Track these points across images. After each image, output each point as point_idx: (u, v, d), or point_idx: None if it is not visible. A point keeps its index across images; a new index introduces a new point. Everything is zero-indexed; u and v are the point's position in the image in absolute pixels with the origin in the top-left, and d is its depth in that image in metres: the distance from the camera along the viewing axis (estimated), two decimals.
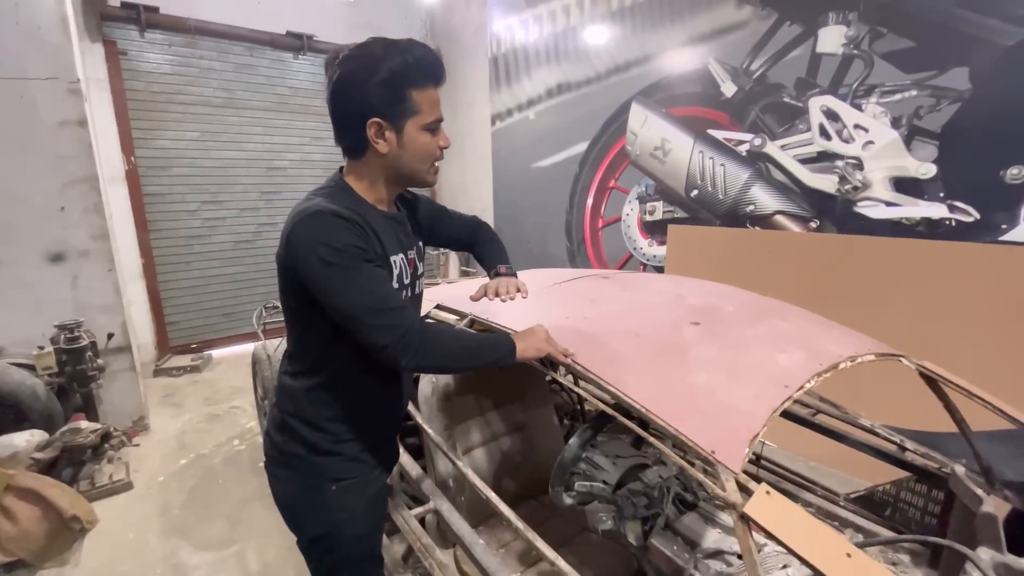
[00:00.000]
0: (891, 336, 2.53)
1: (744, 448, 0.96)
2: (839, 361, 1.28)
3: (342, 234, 0.97)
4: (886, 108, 2.52)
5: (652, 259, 3.94)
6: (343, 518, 1.17)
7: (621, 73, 3.90)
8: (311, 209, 0.99)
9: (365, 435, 1.18)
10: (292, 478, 1.18)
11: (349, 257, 0.97)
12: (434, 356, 1.03)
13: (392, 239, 1.12)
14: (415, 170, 1.09)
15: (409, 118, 1.02)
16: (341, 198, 1.05)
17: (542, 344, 1.15)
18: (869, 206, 2.67)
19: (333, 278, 0.97)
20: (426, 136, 1.05)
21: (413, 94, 1.01)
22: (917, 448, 1.65)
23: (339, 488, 1.16)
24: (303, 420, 1.14)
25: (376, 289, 0.99)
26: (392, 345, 0.98)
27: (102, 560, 2.26)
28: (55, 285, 3.03)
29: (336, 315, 1.00)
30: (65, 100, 2.92)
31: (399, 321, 0.99)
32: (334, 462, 1.15)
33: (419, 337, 1.00)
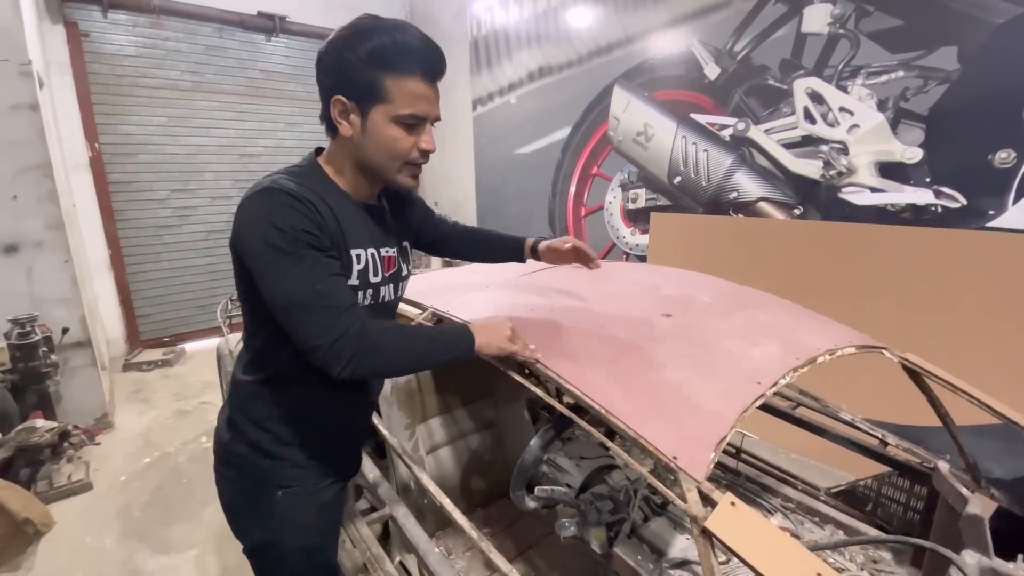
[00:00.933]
0: (876, 325, 2.48)
1: (709, 454, 0.87)
2: (817, 355, 1.20)
3: (290, 214, 0.85)
4: (872, 90, 2.44)
5: (635, 248, 3.85)
6: (290, 528, 1.07)
7: (603, 55, 3.78)
8: (263, 184, 0.89)
9: (315, 440, 1.08)
10: (237, 480, 1.08)
11: (292, 241, 0.85)
12: (373, 363, 0.90)
13: (362, 231, 1.00)
14: (380, 165, 0.96)
15: (376, 104, 0.90)
16: (306, 178, 0.94)
17: (503, 342, 1.02)
18: (854, 192, 2.60)
19: (271, 262, 0.85)
20: (395, 130, 0.91)
21: (385, 79, 0.88)
22: (899, 443, 1.59)
23: (285, 495, 1.05)
24: (248, 418, 1.05)
25: (316, 282, 0.87)
26: (323, 348, 0.86)
27: (56, 565, 2.15)
28: (8, 278, 2.88)
29: (271, 305, 0.89)
30: (16, 83, 2.75)
31: (335, 323, 0.86)
32: (279, 467, 1.05)
33: (356, 344, 0.87)
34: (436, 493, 1.23)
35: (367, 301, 1.02)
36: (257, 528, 1.08)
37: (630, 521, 1.15)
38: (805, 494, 1.92)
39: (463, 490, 1.81)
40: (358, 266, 0.98)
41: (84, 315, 3.18)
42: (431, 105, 0.93)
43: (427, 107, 0.92)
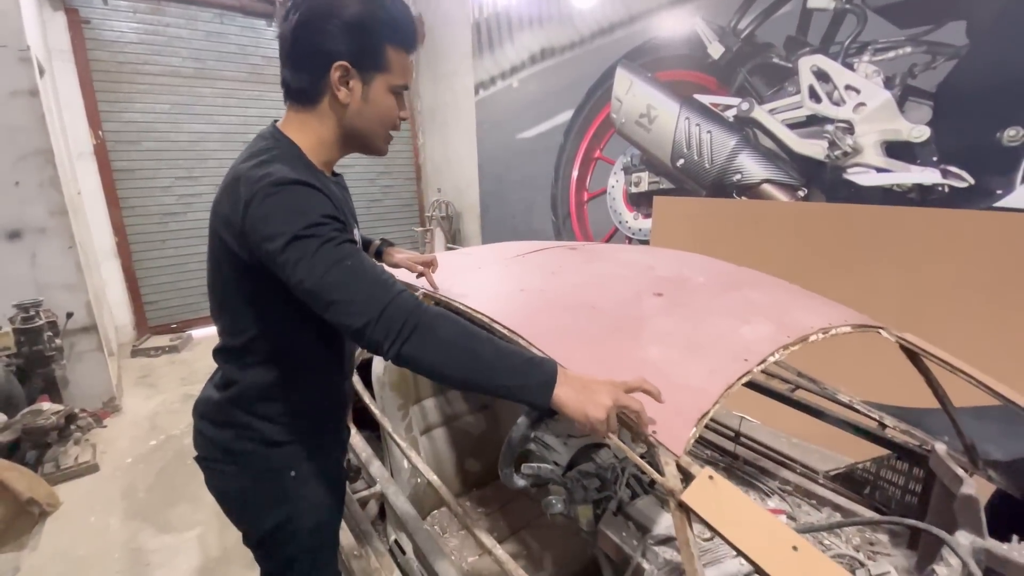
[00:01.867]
0: (881, 307, 2.44)
1: (689, 429, 0.86)
2: (810, 333, 1.18)
3: (312, 203, 0.83)
4: (879, 67, 2.37)
5: (638, 233, 3.82)
6: (304, 506, 1.08)
7: (606, 36, 3.72)
8: (274, 177, 0.83)
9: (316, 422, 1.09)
10: (240, 473, 1.06)
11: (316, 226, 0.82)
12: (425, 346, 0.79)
13: (348, 209, 1.04)
14: (372, 133, 0.97)
15: (380, 72, 0.91)
16: (292, 162, 0.90)
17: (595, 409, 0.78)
18: (859, 173, 2.54)
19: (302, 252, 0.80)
20: (391, 99, 0.95)
21: (389, 49, 0.90)
22: (897, 425, 1.56)
23: (299, 475, 1.06)
24: (255, 415, 1.02)
25: (347, 257, 0.82)
26: (373, 323, 0.79)
27: (61, 544, 2.20)
28: (13, 263, 2.91)
29: (305, 296, 0.83)
30: (15, 69, 2.75)
31: (376, 294, 0.80)
32: (286, 451, 1.05)
33: (404, 315, 0.78)
34: (426, 472, 1.23)
35: None
36: (268, 514, 1.07)
37: (616, 499, 1.14)
38: (803, 477, 1.90)
39: (458, 471, 1.81)
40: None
41: (89, 300, 3.21)
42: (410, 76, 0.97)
43: (410, 78, 0.96)
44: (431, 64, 5.75)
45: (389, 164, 6.09)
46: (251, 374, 1.01)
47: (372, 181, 5.91)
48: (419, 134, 6.18)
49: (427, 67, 5.83)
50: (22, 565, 2.06)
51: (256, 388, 1.01)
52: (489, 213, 5.29)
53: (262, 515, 1.07)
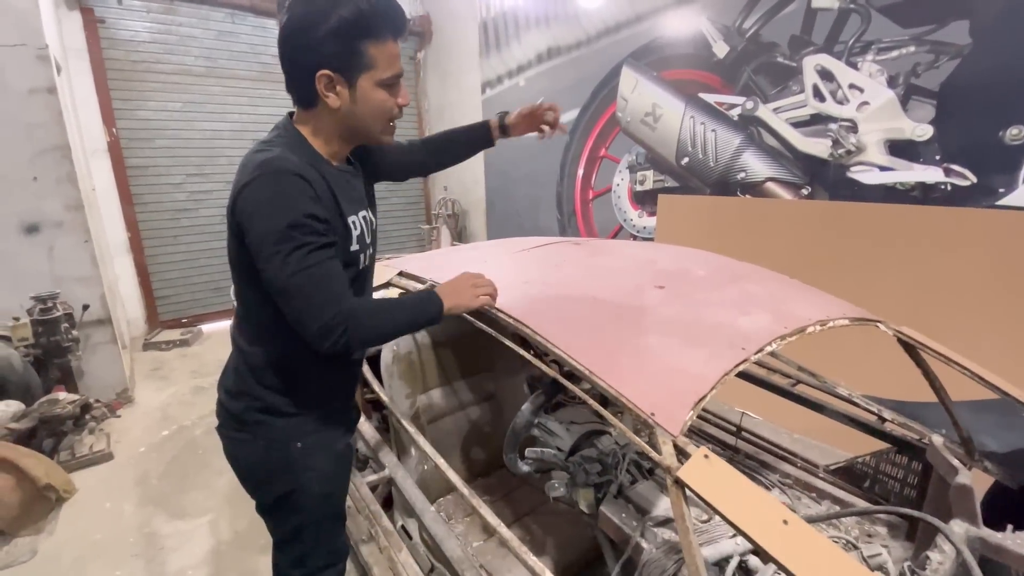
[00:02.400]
0: (884, 305, 2.46)
1: (687, 411, 0.90)
2: (807, 325, 1.21)
3: (299, 200, 0.90)
4: (883, 66, 2.39)
5: (642, 231, 3.84)
6: (310, 476, 1.14)
7: (612, 35, 3.75)
8: (272, 164, 0.91)
9: (324, 398, 1.16)
10: (251, 441, 1.13)
11: (298, 226, 0.90)
12: (358, 340, 0.97)
13: (349, 197, 1.06)
14: (368, 128, 1.02)
15: (363, 72, 0.94)
16: (300, 153, 0.97)
17: (469, 300, 1.10)
18: (862, 171, 2.56)
19: (275, 246, 0.89)
20: (382, 93, 0.97)
21: (368, 47, 0.92)
22: (895, 418, 1.59)
23: (304, 446, 1.12)
24: (262, 385, 1.09)
25: (314, 266, 0.92)
26: (314, 330, 0.93)
27: (77, 529, 2.27)
28: (31, 256, 2.98)
29: (268, 285, 0.94)
30: (34, 67, 2.82)
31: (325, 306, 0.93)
32: (296, 423, 1.12)
33: (342, 326, 0.93)
34: (434, 456, 1.27)
35: (366, 261, 1.10)
36: (276, 482, 1.14)
37: (617, 483, 1.18)
38: (804, 471, 1.93)
39: (463, 459, 1.86)
40: (356, 232, 1.04)
41: (104, 293, 3.28)
42: (401, 63, 0.99)
43: (400, 65, 0.98)
44: (438, 63, 5.79)
45: None
46: (258, 347, 1.09)
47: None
48: (426, 132, 6.23)
49: (434, 66, 5.87)
50: (39, 548, 2.12)
51: (263, 360, 1.09)
52: (495, 211, 5.33)
53: (271, 483, 1.14)
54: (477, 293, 1.11)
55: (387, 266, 1.82)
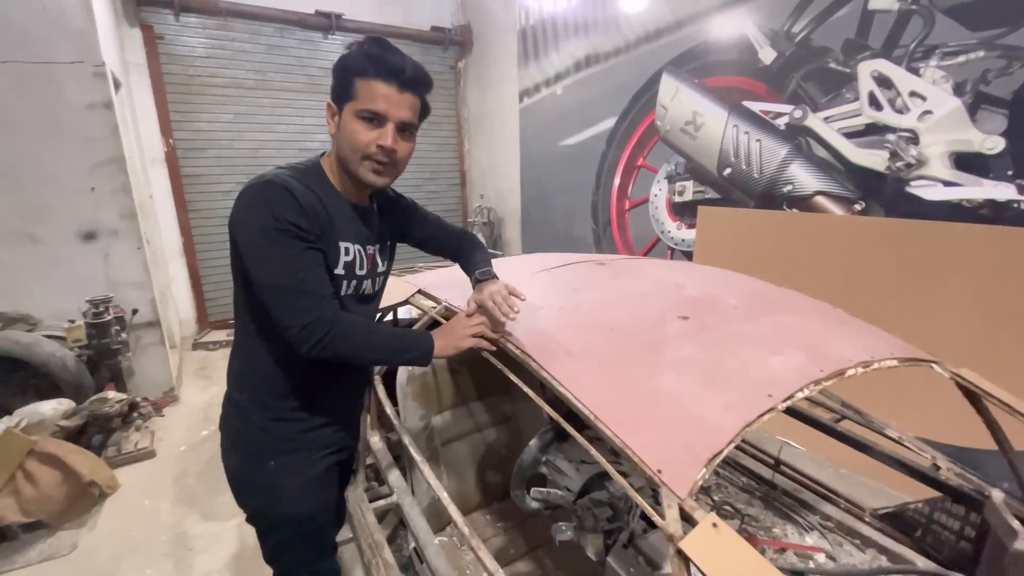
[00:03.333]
0: (947, 336, 2.25)
1: (698, 470, 0.81)
2: (847, 367, 1.10)
3: (283, 206, 0.96)
4: (948, 72, 2.18)
5: (680, 243, 3.70)
6: (281, 495, 1.16)
7: (652, 41, 3.63)
8: (266, 177, 0.99)
9: (305, 415, 1.16)
10: (234, 452, 1.19)
11: (282, 231, 0.95)
12: (338, 349, 1.00)
13: (350, 227, 1.11)
14: (345, 158, 1.05)
15: (347, 102, 1.01)
16: (306, 176, 1.05)
17: (458, 340, 1.10)
18: (924, 186, 2.35)
19: (262, 247, 0.96)
20: (358, 124, 1.01)
21: (355, 81, 1.00)
22: (951, 467, 1.43)
23: (278, 464, 1.15)
24: (247, 391, 1.15)
25: (299, 270, 0.98)
26: (295, 328, 0.97)
27: (116, 524, 2.38)
28: (88, 262, 3.18)
29: (256, 286, 1.00)
30: (91, 83, 3.01)
31: (310, 306, 0.97)
32: (272, 438, 1.15)
33: (325, 329, 0.98)
34: (437, 489, 1.23)
35: (351, 291, 1.11)
36: (253, 497, 1.19)
37: (628, 531, 1.10)
38: (848, 513, 1.78)
39: (478, 483, 1.81)
40: (346, 258, 1.07)
41: (154, 298, 3.46)
42: (393, 106, 1.00)
43: (387, 106, 1.00)
44: (479, 72, 5.81)
45: (436, 170, 6.21)
46: (244, 355, 1.14)
47: (418, 187, 6.04)
48: (465, 141, 6.27)
49: (475, 75, 5.90)
50: (80, 542, 2.24)
51: (249, 369, 1.14)
52: (530, 219, 5.28)
53: (247, 498, 1.20)
54: (468, 333, 1.10)
55: (407, 282, 1.81)
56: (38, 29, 2.82)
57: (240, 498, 1.21)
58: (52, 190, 3.00)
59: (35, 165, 2.94)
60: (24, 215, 2.96)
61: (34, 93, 2.87)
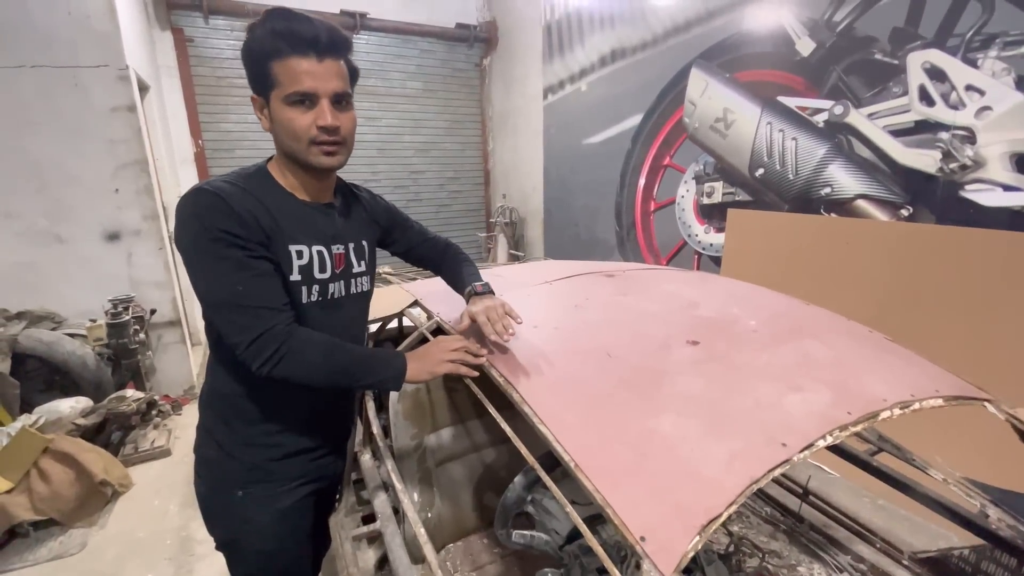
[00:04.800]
0: (1004, 359, 2.01)
1: (689, 539, 0.69)
2: (881, 409, 0.94)
3: (214, 215, 0.89)
4: (1010, 64, 1.95)
5: (708, 248, 3.50)
6: (247, 529, 1.10)
7: (680, 34, 3.44)
8: (199, 185, 0.93)
9: (273, 442, 1.08)
10: (206, 478, 1.13)
11: (215, 240, 0.88)
12: (292, 367, 0.92)
13: (304, 229, 1.00)
14: (291, 149, 0.96)
15: (272, 90, 0.92)
16: (248, 180, 0.99)
17: (433, 365, 1.00)
18: (981, 190, 2.11)
19: (197, 261, 0.91)
20: (291, 111, 0.92)
21: (273, 65, 0.91)
22: (1003, 517, 1.25)
23: (245, 495, 1.08)
24: (214, 415, 1.09)
25: (238, 282, 0.90)
26: (243, 345, 0.90)
27: (126, 524, 2.40)
28: (111, 262, 3.24)
29: (200, 302, 0.95)
30: (115, 86, 3.06)
31: (254, 322, 0.90)
32: (239, 467, 1.08)
33: (275, 344, 0.90)
34: (414, 522, 1.14)
35: (314, 297, 1.02)
36: (219, 527, 1.13)
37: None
38: (884, 555, 1.61)
39: (475, 506, 1.72)
40: (299, 261, 0.98)
41: (176, 296, 3.51)
42: (320, 80, 0.91)
43: (314, 83, 0.90)
44: (504, 69, 5.71)
45: (459, 169, 6.14)
46: (211, 376, 1.08)
47: (441, 186, 5.98)
48: (489, 139, 6.17)
49: (499, 72, 5.79)
50: (89, 541, 2.26)
51: (217, 389, 1.08)
52: (552, 220, 5.15)
53: (215, 528, 1.14)
54: (445, 357, 1.00)
55: (406, 291, 1.72)
56: (63, 33, 2.87)
57: (208, 526, 1.15)
58: (77, 191, 3.07)
59: (60, 167, 3.01)
60: (50, 215, 3.04)
61: (59, 96, 2.93)
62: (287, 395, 1.06)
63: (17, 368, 2.73)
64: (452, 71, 5.87)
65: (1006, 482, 1.61)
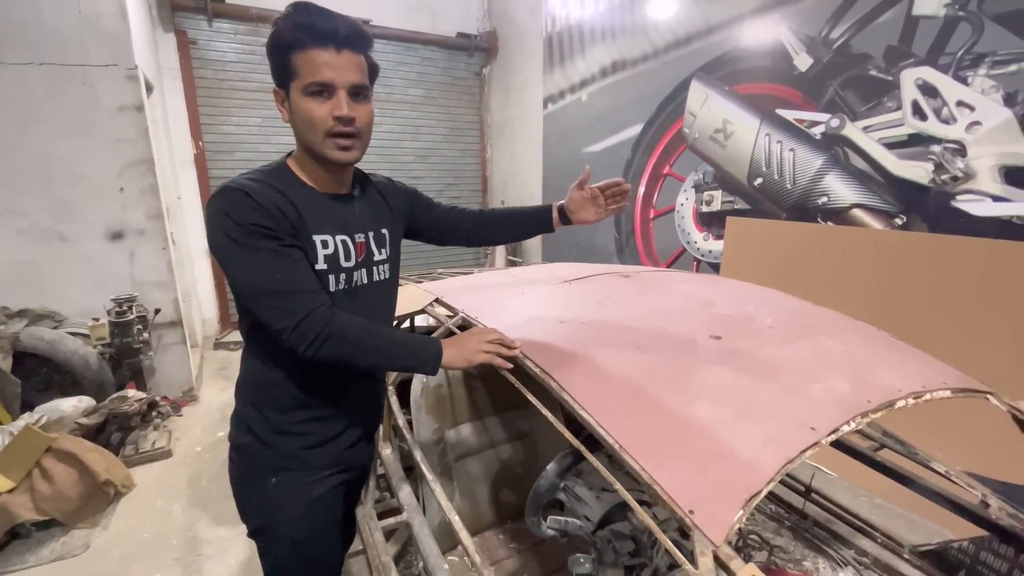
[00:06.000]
0: (995, 362, 2.11)
1: (735, 512, 0.74)
2: (897, 398, 1.01)
3: (243, 211, 0.92)
4: (998, 82, 2.06)
5: (707, 255, 3.58)
6: (279, 516, 1.12)
7: (681, 48, 3.55)
8: (224, 185, 0.97)
9: (305, 429, 1.11)
10: (239, 463, 1.15)
11: (248, 234, 0.92)
12: (337, 348, 0.95)
13: (327, 219, 1.04)
14: (309, 141, 0.99)
15: (292, 81, 0.96)
16: (269, 176, 1.01)
17: (471, 354, 1.02)
18: (971, 200, 2.22)
19: (233, 255, 0.93)
20: (308, 102, 0.95)
21: (292, 57, 0.94)
22: (1003, 507, 1.31)
23: (279, 482, 1.10)
24: (249, 404, 1.11)
25: (276, 270, 0.93)
26: (288, 330, 0.93)
27: (129, 525, 2.37)
28: (114, 261, 3.22)
29: (237, 296, 0.99)
30: (124, 86, 3.06)
31: (297, 306, 0.93)
32: (273, 454, 1.10)
33: (320, 326, 0.93)
34: (447, 510, 1.17)
35: (341, 285, 1.05)
36: (253, 513, 1.15)
37: (652, 567, 1.02)
38: (885, 549, 1.67)
39: (492, 502, 1.75)
40: (325, 251, 1.01)
41: (177, 297, 3.49)
42: (338, 71, 0.94)
43: (332, 73, 0.93)
44: (503, 78, 5.79)
45: (458, 176, 6.19)
46: (247, 365, 1.11)
47: (440, 192, 6.02)
48: (487, 146, 6.24)
49: (499, 81, 5.88)
50: (92, 542, 2.24)
51: (252, 379, 1.10)
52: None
53: (248, 514, 1.16)
54: (482, 348, 1.03)
55: (424, 290, 1.76)
56: (73, 32, 2.88)
57: (241, 513, 1.18)
58: (82, 190, 3.06)
59: (66, 165, 3.00)
60: (54, 214, 3.02)
61: (67, 94, 2.93)
62: (320, 385, 1.09)
63: (17, 367, 2.70)
64: (452, 79, 5.95)
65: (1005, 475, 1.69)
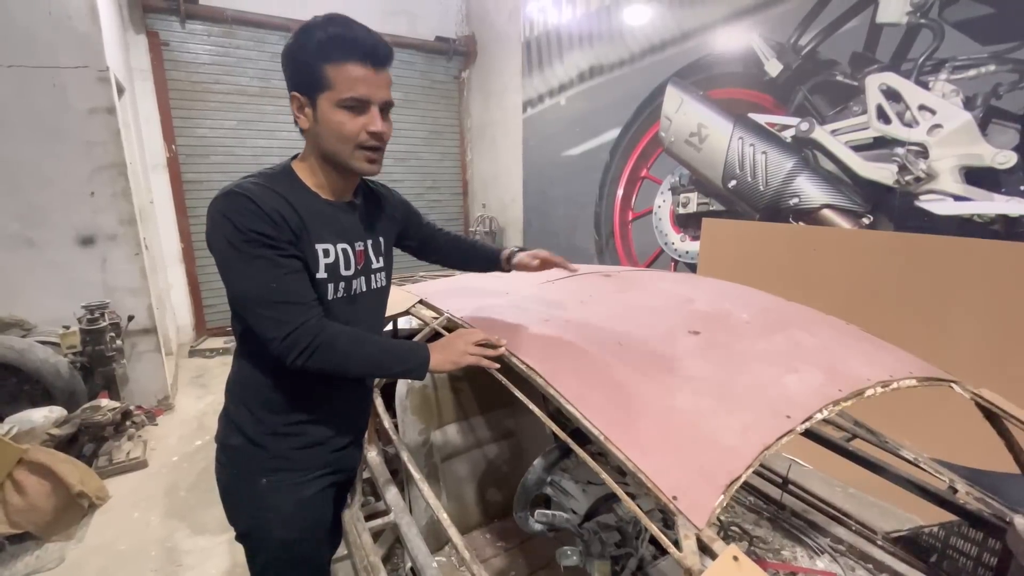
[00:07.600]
0: (957, 353, 2.21)
1: (716, 497, 0.77)
2: (867, 387, 1.06)
3: (246, 216, 0.91)
4: (958, 86, 2.16)
5: (684, 255, 3.66)
6: (269, 517, 1.11)
7: (656, 53, 3.63)
8: (229, 187, 0.96)
9: (296, 431, 1.11)
10: (228, 466, 1.14)
11: (248, 241, 0.91)
12: (325, 359, 0.96)
13: (329, 228, 1.04)
14: (334, 151, 0.99)
15: (322, 92, 0.95)
16: (274, 181, 1.00)
17: (458, 356, 1.05)
18: (934, 200, 2.32)
19: (231, 261, 0.93)
20: (342, 115, 0.95)
21: (326, 67, 0.93)
22: (970, 491, 1.37)
23: (269, 483, 1.10)
24: (241, 405, 1.10)
25: (271, 280, 0.93)
26: (279, 340, 0.93)
27: (105, 537, 2.31)
28: (85, 267, 3.13)
29: (232, 301, 0.99)
30: (95, 88, 2.99)
31: (288, 317, 0.93)
32: (265, 455, 1.09)
33: (309, 338, 0.94)
34: (436, 510, 1.18)
35: (340, 294, 1.07)
36: (242, 515, 1.14)
37: (637, 557, 1.05)
38: (860, 536, 1.73)
39: (479, 501, 1.76)
40: (326, 260, 1.02)
41: (151, 304, 3.41)
42: (374, 88, 0.96)
43: (368, 90, 0.95)
44: (482, 82, 5.82)
45: (437, 179, 6.19)
46: (240, 365, 1.11)
47: (420, 196, 6.02)
48: (468, 150, 6.26)
49: (478, 85, 5.91)
50: (67, 556, 2.17)
51: (243, 381, 1.10)
52: (532, 229, 5.26)
53: (237, 516, 1.15)
54: (468, 350, 1.05)
55: (407, 292, 1.76)
56: (43, 33, 2.80)
57: (230, 515, 1.16)
58: (51, 194, 2.97)
59: (35, 168, 2.91)
60: (22, 219, 2.93)
61: (37, 97, 2.84)
62: (310, 386, 1.09)
63: None
64: (431, 83, 5.95)
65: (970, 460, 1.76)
